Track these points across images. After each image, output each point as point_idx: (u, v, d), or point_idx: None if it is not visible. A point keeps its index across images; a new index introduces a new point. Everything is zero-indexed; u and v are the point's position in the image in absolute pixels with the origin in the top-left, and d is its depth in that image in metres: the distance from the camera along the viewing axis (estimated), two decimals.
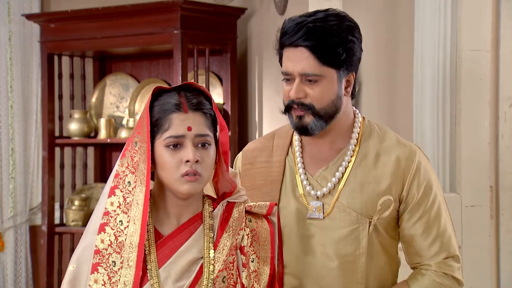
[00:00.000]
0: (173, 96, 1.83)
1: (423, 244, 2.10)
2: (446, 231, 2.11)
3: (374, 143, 2.11)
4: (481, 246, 3.05)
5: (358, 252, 2.06)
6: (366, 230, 2.06)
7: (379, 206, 2.06)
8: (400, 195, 2.09)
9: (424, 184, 2.09)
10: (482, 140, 3.05)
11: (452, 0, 3.05)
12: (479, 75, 3.04)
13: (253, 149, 2.20)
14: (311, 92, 2.01)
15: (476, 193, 3.05)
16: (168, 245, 1.82)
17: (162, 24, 4.09)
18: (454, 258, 2.12)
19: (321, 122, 2.03)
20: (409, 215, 2.09)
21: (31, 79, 4.63)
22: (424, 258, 2.10)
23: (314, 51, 1.99)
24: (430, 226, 2.09)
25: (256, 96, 4.36)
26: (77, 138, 4.47)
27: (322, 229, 2.07)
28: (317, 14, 2.03)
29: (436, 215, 2.10)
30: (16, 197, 4.63)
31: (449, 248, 2.11)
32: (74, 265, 1.81)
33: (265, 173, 2.14)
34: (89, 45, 4.37)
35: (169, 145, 1.80)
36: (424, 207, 2.09)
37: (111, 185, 1.82)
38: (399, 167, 2.08)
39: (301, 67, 2.00)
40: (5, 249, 4.63)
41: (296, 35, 1.99)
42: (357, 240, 2.06)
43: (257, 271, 1.87)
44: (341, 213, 2.07)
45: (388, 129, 2.17)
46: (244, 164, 2.18)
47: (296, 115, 2.04)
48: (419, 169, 2.09)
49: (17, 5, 4.57)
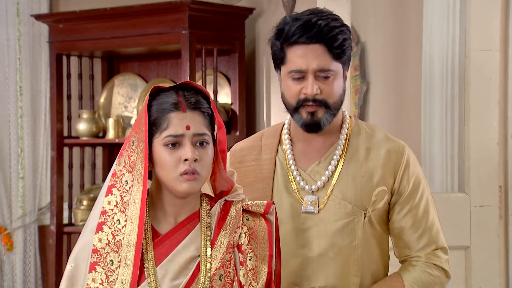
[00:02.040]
0: (171, 95, 1.84)
1: (413, 237, 2.15)
2: (434, 225, 2.17)
3: (363, 139, 2.17)
4: (490, 246, 3.05)
5: (353, 244, 2.10)
6: (361, 222, 2.10)
7: (374, 197, 2.10)
8: (392, 187, 2.14)
9: (414, 178, 2.15)
10: (491, 140, 3.04)
11: (461, 0, 3.05)
12: (488, 74, 3.03)
13: (241, 149, 2.25)
14: (325, 88, 2.06)
15: (485, 193, 3.05)
16: (166, 243, 1.83)
17: (170, 24, 4.10)
18: (442, 249, 2.18)
19: (331, 117, 2.10)
20: (400, 207, 2.15)
21: (40, 79, 4.64)
22: (413, 250, 2.16)
23: (328, 47, 2.04)
24: (419, 220, 2.15)
25: (264, 96, 4.36)
26: (86, 138, 4.48)
27: (318, 222, 2.11)
28: (319, 13, 2.07)
29: (424, 210, 2.16)
30: (25, 197, 4.65)
31: (437, 241, 2.16)
32: (72, 264, 1.83)
33: (256, 171, 2.18)
34: (98, 45, 4.38)
35: (168, 144, 1.81)
36: (414, 201, 2.15)
37: (108, 184, 1.83)
38: (390, 160, 2.14)
39: (317, 63, 2.04)
40: (14, 249, 4.64)
41: (310, 32, 2.03)
42: (352, 232, 2.10)
43: (255, 269, 1.87)
44: (336, 206, 2.11)
45: (376, 126, 2.23)
46: (232, 163, 2.21)
47: (308, 112, 2.08)
48: (409, 163, 2.15)
49: (26, 6, 4.59)
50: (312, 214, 2.12)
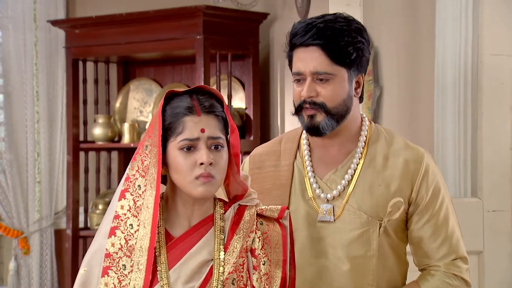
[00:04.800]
0: (186, 99, 1.84)
1: (432, 246, 2.11)
2: (454, 233, 2.13)
3: (382, 146, 2.13)
4: (503, 251, 3.04)
5: (369, 254, 2.07)
6: (376, 232, 2.07)
7: (389, 208, 2.07)
8: (410, 197, 2.10)
9: (433, 187, 2.11)
10: (504, 145, 3.04)
11: (474, 5, 3.04)
12: (500, 79, 3.02)
13: (260, 154, 2.22)
14: (322, 91, 2.03)
15: (498, 198, 3.04)
16: (179, 246, 1.83)
17: (184, 29, 4.12)
18: (462, 259, 2.14)
19: (332, 122, 2.05)
20: (418, 217, 2.11)
21: (56, 84, 4.68)
22: (433, 259, 2.12)
23: (325, 50, 2.01)
24: (438, 228, 2.11)
25: (278, 101, 4.38)
26: (101, 143, 4.51)
27: (333, 232, 2.08)
28: (325, 16, 2.06)
29: (444, 218, 2.12)
30: (41, 201, 4.69)
31: (457, 250, 2.13)
32: (86, 268, 1.83)
33: (274, 177, 2.15)
34: (113, 51, 4.42)
35: (183, 148, 1.81)
36: (433, 209, 2.11)
37: (122, 188, 1.83)
38: (408, 169, 2.09)
39: (313, 66, 2.02)
40: (31, 253, 4.68)
41: (307, 34, 2.02)
42: (367, 242, 2.07)
43: (269, 274, 1.86)
44: (351, 216, 2.08)
45: (396, 133, 2.18)
46: (251, 169, 2.19)
47: (308, 115, 2.05)
48: (428, 172, 2.11)
49: (43, 12, 4.64)
50: (327, 223, 2.09)
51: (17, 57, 4.61)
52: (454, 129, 3.08)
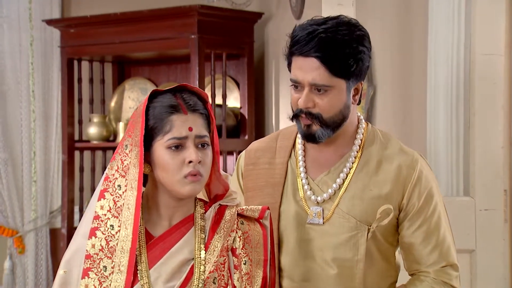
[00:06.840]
0: (170, 98, 1.83)
1: (423, 252, 2.09)
2: (446, 240, 2.11)
3: (376, 150, 2.10)
4: (495, 250, 3.04)
5: (356, 258, 2.06)
6: (364, 237, 2.06)
7: (378, 215, 2.05)
8: (401, 203, 2.08)
9: (425, 193, 2.08)
10: (496, 144, 3.04)
11: (466, 4, 3.05)
12: (493, 79, 3.03)
13: (256, 149, 2.20)
14: (320, 102, 2.00)
15: (490, 197, 3.04)
16: (159, 246, 1.82)
17: (179, 29, 4.13)
18: (452, 266, 2.11)
19: (328, 131, 2.03)
20: (409, 223, 2.09)
21: (52, 84, 4.69)
22: (423, 265, 2.10)
23: (325, 63, 1.97)
24: (430, 235, 2.09)
25: (273, 101, 4.38)
26: (96, 142, 4.52)
27: (321, 235, 2.07)
28: (328, 22, 2.00)
29: (436, 224, 2.10)
30: (37, 200, 4.69)
31: (448, 257, 2.10)
32: (65, 270, 1.82)
33: (267, 175, 2.14)
34: (108, 50, 4.43)
35: (171, 147, 1.79)
36: (425, 216, 2.08)
37: (101, 188, 1.81)
38: (400, 175, 2.07)
39: (312, 77, 1.98)
40: (26, 252, 4.69)
41: (308, 45, 1.97)
42: (355, 246, 2.06)
43: (250, 274, 1.86)
44: (340, 219, 2.07)
45: (392, 136, 2.16)
46: (247, 164, 2.18)
47: (304, 124, 2.04)
48: (421, 178, 2.08)
49: (38, 11, 4.64)
50: (316, 226, 2.07)
51: (12, 56, 4.62)
52: (446, 128, 3.09)
